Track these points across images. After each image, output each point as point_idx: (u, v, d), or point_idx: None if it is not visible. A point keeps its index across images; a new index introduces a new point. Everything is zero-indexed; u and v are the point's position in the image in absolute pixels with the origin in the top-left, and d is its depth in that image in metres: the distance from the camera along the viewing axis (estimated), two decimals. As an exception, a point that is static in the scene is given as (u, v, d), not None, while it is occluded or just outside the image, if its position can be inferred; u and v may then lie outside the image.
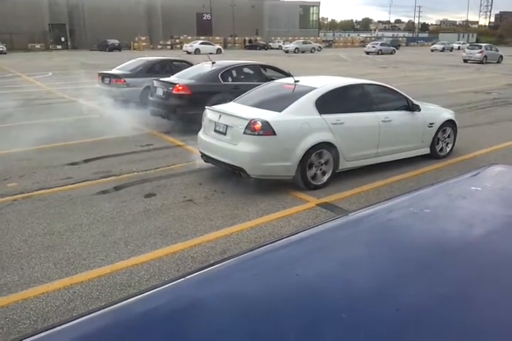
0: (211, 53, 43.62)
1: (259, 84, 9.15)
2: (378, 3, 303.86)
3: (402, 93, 7.04)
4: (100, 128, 8.81)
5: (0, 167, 6.67)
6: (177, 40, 57.64)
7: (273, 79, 9.83)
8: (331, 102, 6.11)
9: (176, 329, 0.98)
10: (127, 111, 9.90)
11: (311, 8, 76.71)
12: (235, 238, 4.43)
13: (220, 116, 5.97)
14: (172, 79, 9.46)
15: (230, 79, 9.38)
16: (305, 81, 6.52)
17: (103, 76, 11.74)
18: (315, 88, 6.14)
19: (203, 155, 6.19)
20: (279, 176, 5.75)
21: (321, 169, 5.92)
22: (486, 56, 32.90)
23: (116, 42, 49.15)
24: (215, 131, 6.00)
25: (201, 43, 47.87)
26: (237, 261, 1.23)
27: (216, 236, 4.43)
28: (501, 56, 34.25)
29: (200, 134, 6.33)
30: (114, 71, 11.93)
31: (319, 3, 77.75)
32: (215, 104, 7.30)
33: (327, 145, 5.83)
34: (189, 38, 56.39)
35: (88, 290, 3.56)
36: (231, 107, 6.30)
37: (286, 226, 4.76)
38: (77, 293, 3.52)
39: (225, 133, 5.83)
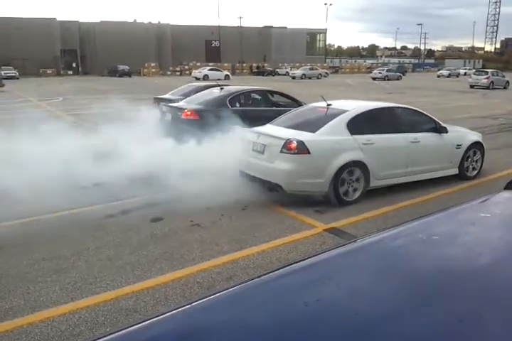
0: (219, 79, 44.43)
1: (266, 110, 9.37)
2: (384, 30, 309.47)
3: (430, 115, 7.40)
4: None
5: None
6: (186, 67, 58.72)
7: (280, 105, 10.02)
8: (361, 124, 6.48)
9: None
10: None
11: (318, 35, 78.14)
12: (241, 263, 4.40)
13: (258, 137, 6.45)
14: (181, 104, 9.62)
15: (237, 104, 9.50)
16: (337, 104, 6.92)
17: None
18: (347, 111, 6.56)
19: (242, 174, 6.53)
20: (313, 192, 6.14)
21: (352, 186, 6.28)
22: (492, 82, 33.11)
23: (126, 68, 50.19)
24: (254, 150, 6.44)
25: (210, 69, 48.69)
26: (243, 288, 1.23)
27: (223, 262, 4.40)
28: (508, 82, 34.47)
29: (240, 153, 6.70)
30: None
31: (326, 30, 79.31)
32: (222, 129, 7.47)
33: (358, 164, 6.23)
34: (198, 64, 57.52)
35: (94, 315, 3.53)
36: (268, 128, 6.75)
37: (293, 251, 4.73)
38: (83, 318, 3.49)
39: (262, 152, 6.30)
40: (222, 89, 9.84)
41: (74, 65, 57.71)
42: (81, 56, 59.12)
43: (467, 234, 1.46)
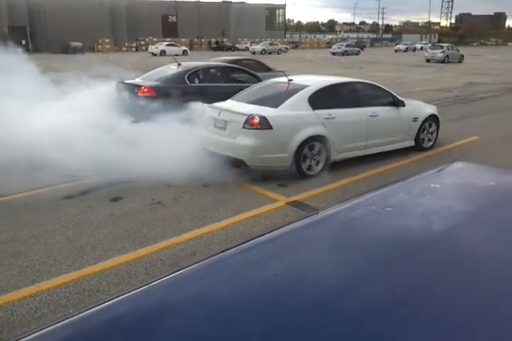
0: (177, 55, 43.41)
1: (226, 86, 9.23)
2: (343, 5, 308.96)
3: (388, 90, 7.54)
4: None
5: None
6: (142, 42, 56.89)
7: (240, 81, 9.88)
8: (322, 99, 6.54)
9: (146, 334, 0.96)
10: None
11: (277, 11, 77.14)
12: (205, 239, 4.40)
13: (219, 113, 6.40)
14: (137, 81, 9.33)
15: (196, 80, 9.30)
16: (298, 80, 6.95)
17: None
18: (308, 86, 6.60)
19: (204, 151, 6.48)
20: (276, 167, 6.14)
21: (314, 160, 6.37)
22: (447, 56, 33.84)
23: (79, 44, 48.01)
24: (215, 126, 6.40)
25: (167, 45, 47.41)
26: (206, 264, 1.22)
27: (186, 238, 4.39)
28: (462, 55, 35.28)
29: (201, 130, 6.63)
30: None
31: (285, 5, 78.80)
32: (181, 106, 7.32)
33: (320, 138, 6.29)
34: (154, 39, 55.75)
35: (55, 297, 3.47)
36: (230, 104, 6.72)
37: (256, 225, 4.77)
38: (44, 300, 3.43)
39: (224, 128, 6.27)
40: (179, 65, 9.60)
41: (23, 42, 54.91)
42: (31, 33, 56.26)
43: (418, 204, 1.49)
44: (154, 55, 44.10)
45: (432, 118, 7.94)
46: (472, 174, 1.79)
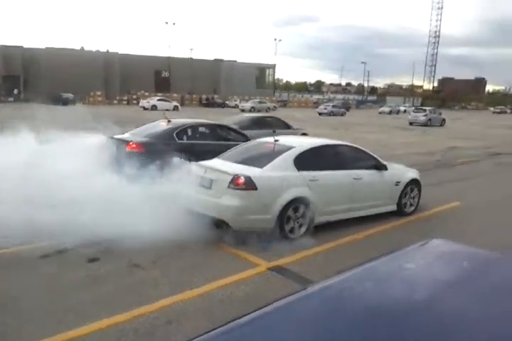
0: (168, 110, 44.32)
1: (214, 144, 9.37)
2: (330, 67, 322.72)
3: (372, 153, 7.70)
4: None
5: None
6: (134, 96, 58.11)
7: (229, 139, 10.07)
8: (308, 160, 6.64)
9: None
10: None
11: (267, 70, 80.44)
12: (181, 307, 4.26)
13: (205, 171, 6.44)
14: (125, 136, 9.41)
15: (185, 137, 9.45)
16: (284, 140, 7.04)
17: None
18: (293, 147, 6.70)
19: (188, 210, 6.32)
20: (259, 228, 6.08)
21: (298, 222, 6.33)
22: (430, 119, 35.08)
23: (70, 95, 48.70)
24: (200, 185, 6.39)
25: (158, 100, 48.49)
26: None
27: (161, 306, 4.24)
28: (444, 119, 36.65)
29: (186, 189, 6.54)
30: None
31: (275, 65, 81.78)
32: (169, 163, 7.35)
33: (304, 200, 6.31)
34: (146, 94, 57.09)
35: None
36: (216, 163, 6.76)
37: (235, 292, 4.65)
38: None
39: (210, 187, 6.26)
40: (169, 121, 9.80)
41: (16, 91, 55.75)
42: (24, 82, 57.41)
43: (391, 286, 1.51)
44: (145, 109, 44.95)
45: (414, 182, 8.05)
46: (447, 253, 1.82)
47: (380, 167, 7.52)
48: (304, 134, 16.62)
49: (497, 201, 9.45)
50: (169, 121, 9.74)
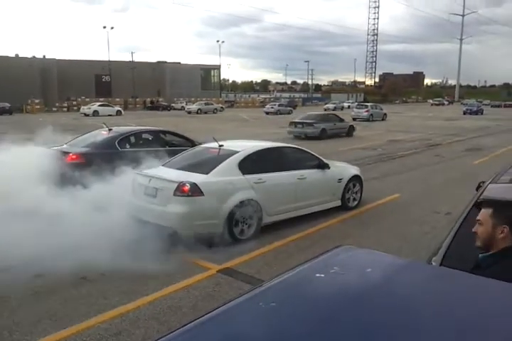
0: (110, 115, 43.23)
1: (159, 150, 9.25)
2: (275, 66, 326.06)
3: (314, 153, 7.98)
4: None
5: None
6: (74, 102, 56.08)
7: (174, 145, 9.99)
8: (252, 164, 6.79)
9: None
10: None
11: (212, 71, 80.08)
12: (131, 316, 4.26)
13: (149, 180, 6.39)
14: (64, 147, 9.12)
15: (128, 145, 9.28)
16: (228, 145, 7.13)
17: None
18: (237, 151, 6.81)
19: (134, 219, 6.24)
20: (208, 233, 6.11)
21: (246, 224, 6.45)
22: (372, 114, 36.22)
23: (6, 105, 46.59)
24: (145, 194, 6.39)
25: (100, 105, 46.97)
26: None
27: (111, 316, 4.23)
28: (385, 114, 37.94)
29: (130, 198, 6.52)
30: None
31: (219, 66, 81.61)
32: (111, 173, 7.24)
33: (251, 203, 6.44)
34: (87, 99, 55.25)
35: None
36: (160, 171, 6.73)
37: (186, 297, 4.70)
38: None
39: (155, 196, 6.26)
40: (110, 130, 9.58)
41: None
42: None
43: (303, 297, 1.48)
44: (86, 115, 43.61)
45: (356, 178, 8.40)
46: (352, 259, 1.79)
47: (323, 166, 7.81)
48: (352, 126, 23.99)
49: (433, 190, 9.98)
50: (110, 130, 9.53)
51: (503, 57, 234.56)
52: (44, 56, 64.56)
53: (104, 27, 65.70)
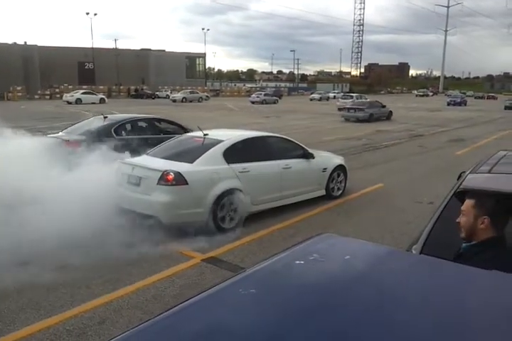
0: (94, 103, 42.68)
1: (154, 137, 9.23)
2: (261, 55, 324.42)
3: (299, 143, 7.99)
4: None
5: None
6: (57, 90, 55.19)
7: (168, 132, 9.96)
8: (237, 153, 6.76)
9: None
10: None
11: (197, 59, 79.39)
12: (115, 305, 4.26)
13: (133, 169, 6.37)
14: (61, 134, 9.11)
15: (123, 133, 9.30)
16: (212, 134, 7.07)
17: None
18: (222, 140, 6.77)
19: (118, 208, 6.19)
20: (192, 222, 6.11)
21: (230, 213, 6.44)
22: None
23: (-14, 93, 45.77)
24: (129, 182, 6.37)
25: (83, 93, 46.17)
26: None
27: (94, 305, 4.23)
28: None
29: (115, 187, 6.46)
30: None
31: (205, 54, 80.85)
32: (107, 160, 7.17)
33: (235, 192, 6.43)
34: (70, 87, 54.44)
35: None
36: (144, 160, 6.71)
37: (170, 286, 4.71)
38: None
39: (138, 185, 6.25)
40: (106, 117, 9.56)
41: None
42: None
43: (283, 285, 1.47)
44: (69, 103, 42.96)
45: (340, 168, 8.47)
46: (332, 247, 1.79)
47: (308, 155, 7.83)
48: (391, 111, 27.99)
49: (416, 180, 10.11)
50: (106, 117, 9.54)
51: (486, 49, 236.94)
52: (25, 42, 63.25)
53: (88, 13, 64.54)
